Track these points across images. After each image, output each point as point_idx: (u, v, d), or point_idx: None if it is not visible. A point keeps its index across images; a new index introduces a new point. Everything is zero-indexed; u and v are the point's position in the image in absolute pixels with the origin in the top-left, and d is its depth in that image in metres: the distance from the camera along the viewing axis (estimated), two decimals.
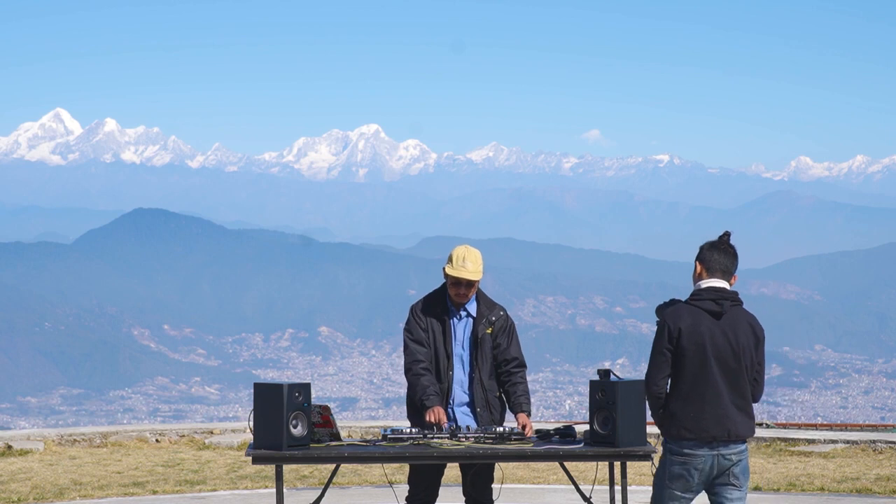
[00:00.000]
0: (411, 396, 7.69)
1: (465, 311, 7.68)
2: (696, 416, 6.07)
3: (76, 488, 11.60)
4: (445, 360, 7.64)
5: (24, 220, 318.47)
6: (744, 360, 6.11)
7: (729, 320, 6.12)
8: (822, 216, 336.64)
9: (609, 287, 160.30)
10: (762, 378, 6.25)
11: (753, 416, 6.17)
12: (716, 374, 6.06)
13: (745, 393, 6.12)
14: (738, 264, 6.35)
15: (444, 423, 7.48)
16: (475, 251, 7.63)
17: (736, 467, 6.10)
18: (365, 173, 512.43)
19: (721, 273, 6.24)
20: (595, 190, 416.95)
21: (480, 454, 7.22)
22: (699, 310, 6.14)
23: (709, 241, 6.36)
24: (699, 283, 6.24)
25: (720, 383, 6.06)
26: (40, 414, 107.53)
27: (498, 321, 7.68)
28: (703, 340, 6.07)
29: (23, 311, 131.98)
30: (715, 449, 6.07)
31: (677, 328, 6.11)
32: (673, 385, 6.17)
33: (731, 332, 6.10)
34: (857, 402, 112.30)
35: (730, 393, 6.07)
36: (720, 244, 6.32)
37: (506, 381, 7.67)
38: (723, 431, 6.04)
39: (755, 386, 6.21)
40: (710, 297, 6.15)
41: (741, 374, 6.10)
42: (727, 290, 6.21)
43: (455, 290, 7.60)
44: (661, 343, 6.15)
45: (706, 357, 6.07)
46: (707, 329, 6.09)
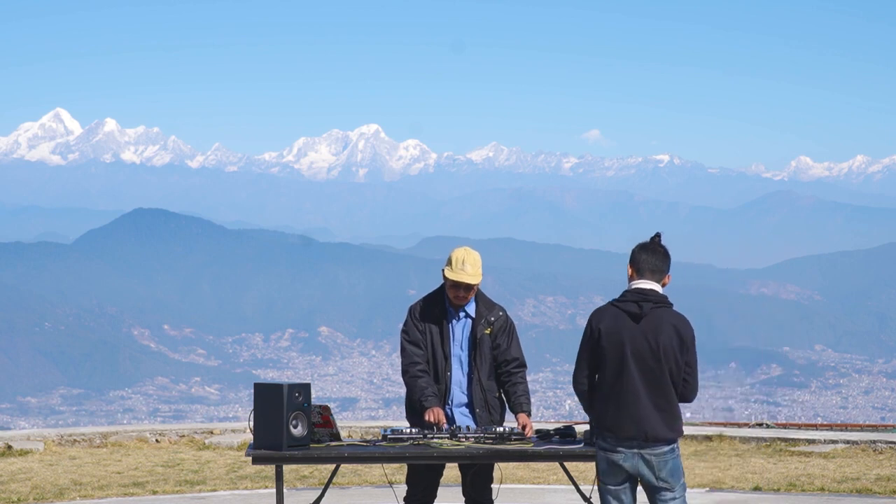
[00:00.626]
0: (410, 398, 7.69)
1: (464, 312, 7.66)
2: (614, 415, 6.08)
3: (76, 488, 11.60)
4: (444, 361, 7.63)
5: (24, 220, 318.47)
6: (666, 362, 6.06)
7: (650, 322, 6.09)
8: (822, 216, 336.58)
9: (609, 287, 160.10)
10: (694, 379, 6.18)
11: (678, 416, 6.11)
12: (634, 375, 6.05)
13: (667, 394, 6.07)
14: (671, 263, 6.30)
15: (443, 423, 7.48)
16: (475, 254, 7.60)
17: (662, 469, 6.04)
18: (365, 173, 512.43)
19: (650, 273, 6.23)
20: (595, 190, 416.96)
21: (480, 454, 7.22)
22: (620, 311, 6.15)
23: (640, 242, 6.34)
24: (630, 285, 6.27)
25: (639, 385, 6.04)
26: (40, 414, 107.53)
27: (497, 321, 7.66)
28: (621, 341, 6.08)
29: (23, 311, 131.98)
30: (634, 449, 6.04)
31: (598, 329, 6.15)
32: (596, 384, 6.20)
33: (651, 333, 6.07)
34: (857, 402, 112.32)
35: (649, 394, 6.04)
36: (650, 245, 6.30)
37: (506, 381, 7.65)
38: (639, 432, 6.01)
39: (685, 387, 6.15)
40: (632, 298, 6.16)
41: (663, 375, 6.06)
42: (653, 291, 6.19)
43: (454, 293, 7.59)
44: (584, 342, 6.23)
45: (624, 358, 6.07)
46: (626, 330, 6.10)
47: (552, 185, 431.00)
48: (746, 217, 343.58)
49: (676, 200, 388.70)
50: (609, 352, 6.11)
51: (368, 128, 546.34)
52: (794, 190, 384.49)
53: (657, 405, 6.04)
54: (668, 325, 6.10)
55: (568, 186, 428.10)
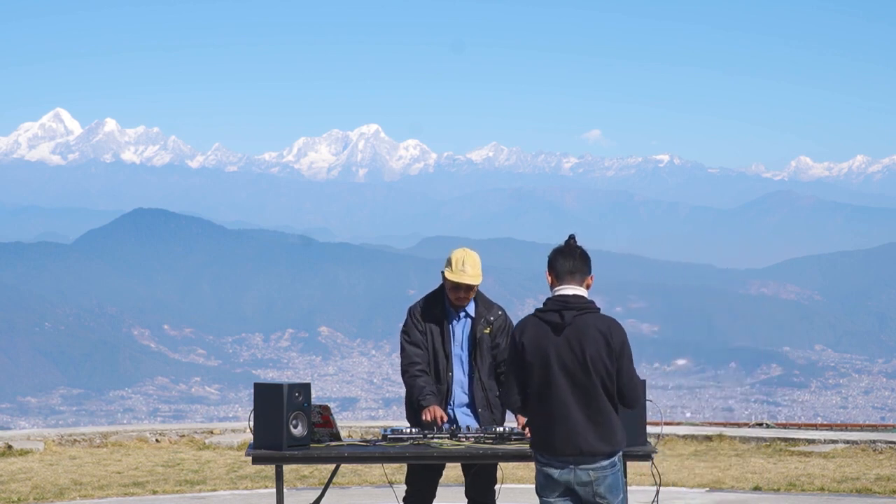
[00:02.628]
0: (409, 398, 7.70)
1: (464, 312, 7.69)
2: (545, 432, 5.76)
3: (76, 488, 11.60)
4: (444, 360, 7.64)
5: (24, 220, 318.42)
6: (596, 372, 5.72)
7: (574, 331, 5.76)
8: (822, 216, 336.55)
9: (609, 287, 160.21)
10: (633, 383, 5.83)
11: (615, 428, 5.75)
12: (563, 389, 5.71)
13: (601, 406, 5.72)
14: (591, 264, 6.01)
15: (441, 420, 7.48)
16: (474, 254, 7.62)
17: (600, 485, 5.72)
18: (365, 173, 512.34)
19: (570, 277, 5.92)
20: (595, 190, 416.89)
21: (481, 454, 7.22)
22: (542, 322, 5.82)
23: (556, 246, 6.06)
24: (552, 292, 5.96)
25: (568, 398, 5.71)
26: (40, 414, 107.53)
27: (496, 321, 7.68)
28: (546, 355, 5.75)
29: (23, 311, 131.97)
30: (568, 465, 5.73)
31: (521, 343, 5.82)
32: (530, 399, 5.84)
33: (576, 343, 5.73)
34: (857, 402, 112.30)
35: (580, 408, 5.70)
36: (565, 248, 6.03)
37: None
38: (572, 448, 5.69)
39: (622, 395, 5.80)
40: (554, 307, 5.84)
41: (594, 386, 5.71)
42: (576, 297, 5.86)
43: (454, 294, 7.61)
44: (509, 358, 5.90)
45: (551, 372, 5.73)
46: (550, 343, 5.76)
47: (552, 185, 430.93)
48: (746, 217, 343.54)
49: (676, 200, 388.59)
50: (534, 366, 5.77)
51: (368, 128, 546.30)
52: (794, 190, 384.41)
53: (590, 418, 5.70)
54: (594, 332, 5.76)
55: (568, 186, 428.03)
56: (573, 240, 6.11)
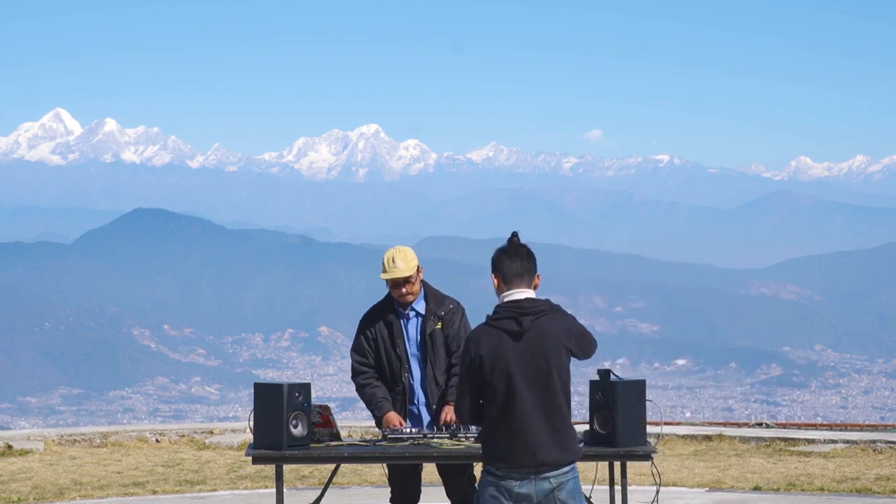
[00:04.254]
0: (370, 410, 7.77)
1: (414, 311, 7.69)
2: (506, 444, 5.50)
3: (76, 488, 11.60)
4: (398, 362, 7.66)
5: (24, 220, 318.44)
6: (559, 377, 5.54)
7: (533, 337, 5.52)
8: (822, 216, 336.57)
9: (609, 287, 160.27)
10: (589, 346, 5.72)
11: (574, 434, 5.58)
12: (524, 400, 5.47)
13: (562, 413, 5.54)
14: (537, 262, 5.79)
15: (401, 424, 7.52)
16: (404, 249, 7.64)
17: (561, 491, 5.51)
18: (365, 173, 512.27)
19: (518, 279, 5.66)
20: (595, 190, 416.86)
21: (470, 454, 7.22)
22: (499, 331, 5.53)
23: (499, 246, 5.77)
24: (501, 297, 5.66)
25: (529, 410, 5.48)
26: (40, 414, 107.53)
27: (447, 314, 7.67)
28: (507, 367, 5.48)
29: (23, 311, 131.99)
30: (528, 476, 5.48)
31: (478, 356, 5.51)
32: (486, 411, 5.58)
33: (538, 351, 5.51)
34: (857, 402, 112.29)
35: (541, 418, 5.49)
36: (510, 248, 5.73)
37: (451, 374, 7.67)
38: (534, 460, 5.47)
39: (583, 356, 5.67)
40: (509, 314, 5.55)
41: (556, 394, 5.52)
42: (529, 300, 5.62)
43: (397, 292, 7.62)
44: (464, 370, 5.59)
45: (512, 384, 5.48)
46: (510, 352, 5.49)
47: (552, 185, 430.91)
48: (746, 217, 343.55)
49: (676, 200, 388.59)
50: (494, 378, 5.49)
51: (368, 128, 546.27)
52: (794, 190, 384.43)
53: (552, 427, 5.51)
54: (555, 335, 5.56)
55: (568, 186, 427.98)
56: (517, 238, 5.82)
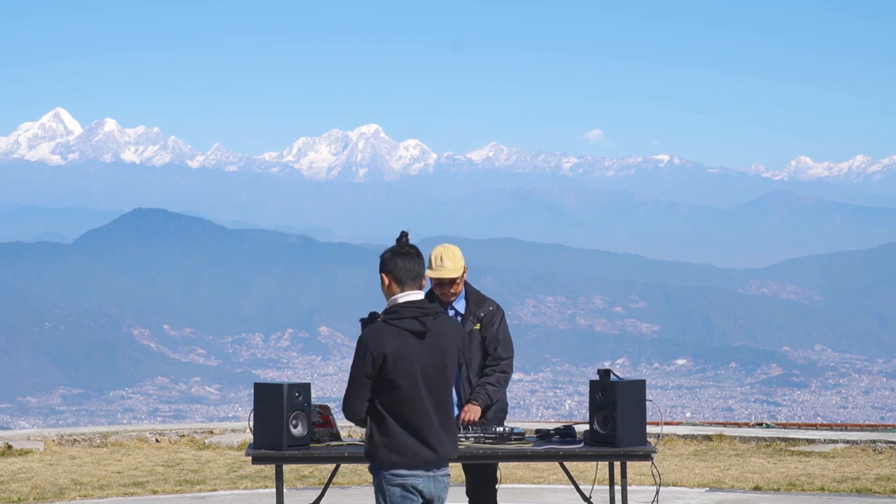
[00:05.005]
0: None
1: (454, 309, 7.74)
2: (410, 442, 5.59)
3: (76, 488, 11.60)
4: None
5: (24, 220, 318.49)
6: (450, 377, 5.68)
7: (434, 337, 5.64)
8: (822, 216, 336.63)
9: (609, 287, 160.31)
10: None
11: (455, 433, 5.74)
12: (425, 398, 5.59)
13: (450, 411, 5.72)
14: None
15: None
16: (453, 248, 7.67)
17: (444, 491, 5.72)
18: (365, 173, 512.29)
19: (411, 281, 5.72)
20: (595, 190, 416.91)
21: (480, 454, 7.23)
22: (402, 331, 5.60)
23: (389, 247, 5.81)
24: (395, 298, 5.68)
25: (429, 407, 5.61)
26: (40, 414, 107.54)
27: (486, 316, 7.73)
28: (411, 366, 5.58)
29: (23, 311, 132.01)
30: (429, 471, 5.63)
31: (381, 355, 5.57)
32: (383, 410, 5.63)
33: (437, 349, 5.63)
34: (857, 402, 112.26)
35: (437, 415, 5.63)
36: (401, 248, 5.78)
37: (483, 374, 7.71)
38: (434, 456, 5.61)
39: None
40: (411, 314, 5.62)
41: (448, 393, 5.69)
42: (425, 301, 5.72)
43: (440, 290, 7.69)
44: (363, 369, 5.62)
45: (416, 382, 5.58)
46: (414, 352, 5.59)
47: (552, 185, 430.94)
48: (746, 217, 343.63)
49: (676, 200, 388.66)
50: (398, 377, 5.57)
51: (368, 128, 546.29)
52: (794, 190, 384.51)
53: (444, 425, 5.66)
54: (451, 336, 5.71)
55: (568, 186, 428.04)
56: (406, 238, 5.87)
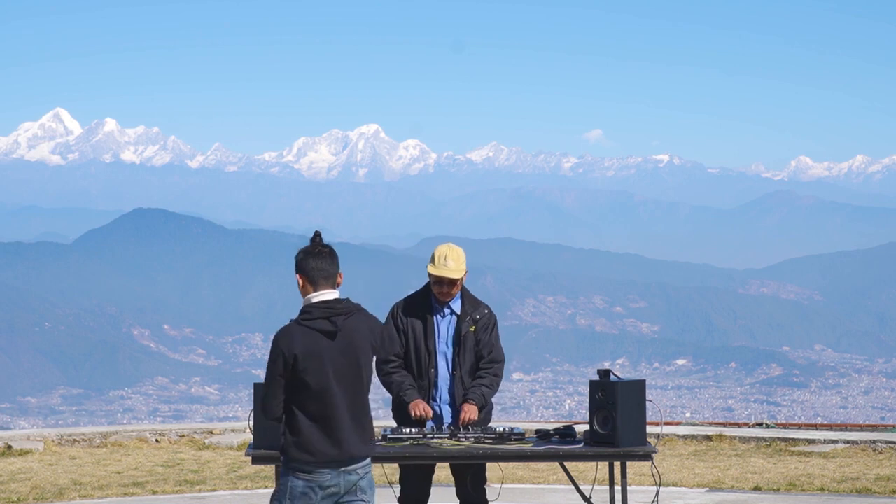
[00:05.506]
0: (392, 397, 7.75)
1: (449, 309, 7.73)
2: (319, 440, 5.69)
3: (76, 488, 11.60)
4: (427, 357, 7.68)
5: (24, 220, 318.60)
6: (364, 376, 5.76)
7: (345, 336, 5.73)
8: (822, 216, 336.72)
9: (609, 287, 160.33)
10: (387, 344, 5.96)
11: (372, 429, 5.83)
12: (337, 397, 5.69)
13: (366, 408, 5.80)
14: (339, 262, 5.89)
15: (428, 415, 7.51)
16: (457, 249, 7.68)
17: (362, 481, 5.77)
18: (365, 173, 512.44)
19: (324, 280, 5.81)
20: (595, 190, 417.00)
21: (480, 454, 7.23)
22: (312, 331, 5.70)
23: (303, 247, 5.88)
24: (309, 298, 5.77)
25: (341, 406, 5.70)
26: (40, 414, 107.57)
27: (482, 319, 7.71)
28: (321, 366, 5.67)
29: (23, 311, 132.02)
30: (339, 469, 5.71)
31: (292, 355, 5.65)
32: (295, 408, 5.73)
33: (349, 348, 5.72)
34: (857, 402, 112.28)
35: (352, 413, 5.72)
36: (314, 248, 5.87)
37: (476, 376, 7.70)
38: (344, 454, 5.70)
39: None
40: (321, 314, 5.72)
41: (362, 390, 5.77)
42: (338, 301, 5.80)
43: (438, 289, 7.67)
44: (275, 369, 5.69)
45: (327, 382, 5.67)
46: (325, 352, 5.68)
47: (552, 185, 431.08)
48: (746, 217, 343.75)
49: (676, 200, 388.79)
50: (310, 377, 5.66)
51: (368, 128, 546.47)
52: (794, 190, 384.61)
53: (357, 423, 5.75)
54: (363, 334, 5.78)
55: (568, 186, 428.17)
56: (319, 238, 5.96)
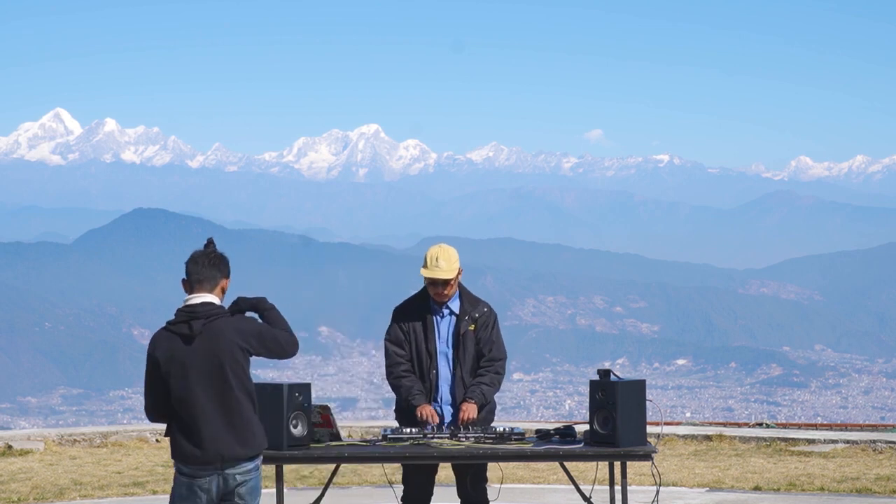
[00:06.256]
0: (398, 400, 7.74)
1: (448, 309, 7.73)
2: (185, 442, 5.77)
3: (76, 488, 11.61)
4: (428, 358, 7.68)
5: (24, 220, 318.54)
6: (232, 378, 5.78)
7: (206, 339, 5.76)
8: (822, 216, 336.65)
9: (609, 287, 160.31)
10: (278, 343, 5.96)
11: (255, 432, 5.84)
12: (201, 399, 5.74)
13: (241, 411, 5.80)
14: (226, 266, 5.99)
15: (434, 420, 7.51)
16: (449, 249, 7.68)
17: (242, 487, 5.80)
18: (365, 173, 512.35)
19: (199, 284, 5.91)
20: (595, 190, 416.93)
21: (480, 454, 7.23)
22: (174, 335, 5.80)
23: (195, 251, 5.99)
24: (184, 301, 5.92)
25: (206, 409, 5.74)
26: (40, 414, 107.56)
27: (481, 317, 7.71)
28: (183, 369, 5.75)
29: (23, 311, 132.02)
30: (214, 472, 5.76)
31: (156, 360, 5.80)
32: (170, 411, 5.84)
33: (211, 352, 5.76)
34: (857, 402, 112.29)
35: (219, 416, 5.75)
36: (198, 254, 5.99)
37: (477, 374, 7.71)
38: (215, 457, 5.74)
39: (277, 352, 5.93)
40: (182, 318, 5.81)
41: (231, 392, 5.78)
42: (205, 304, 5.85)
43: (433, 290, 7.67)
44: (147, 372, 5.86)
45: (188, 385, 5.74)
46: (184, 354, 5.76)
47: (552, 185, 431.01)
48: (746, 217, 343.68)
49: (676, 200, 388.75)
50: (172, 380, 5.77)
51: (368, 128, 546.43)
52: (794, 190, 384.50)
53: (230, 424, 5.76)
54: (228, 336, 5.80)
55: (568, 186, 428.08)
56: (210, 244, 6.07)
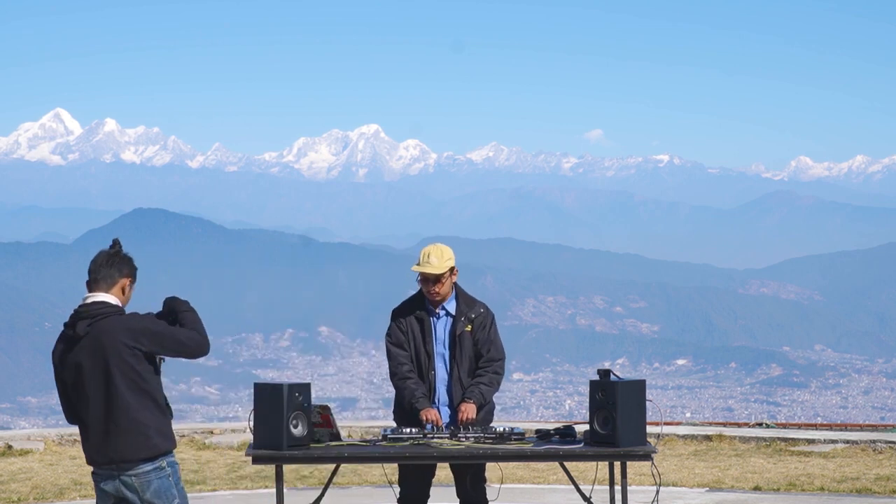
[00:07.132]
0: (399, 401, 7.74)
1: (445, 310, 7.73)
2: (86, 444, 5.78)
3: (76, 488, 11.61)
4: (426, 359, 7.68)
5: (24, 220, 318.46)
6: (121, 379, 5.71)
7: (93, 339, 5.71)
8: (822, 216, 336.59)
9: (609, 287, 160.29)
10: (180, 341, 6.06)
11: (150, 434, 5.77)
12: (92, 400, 5.71)
13: (128, 412, 5.73)
14: (125, 266, 5.91)
15: (438, 423, 7.51)
16: (442, 247, 7.69)
17: (146, 491, 5.73)
18: (365, 173, 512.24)
19: (96, 284, 5.86)
20: (595, 190, 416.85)
21: (480, 454, 7.23)
22: (66, 336, 5.80)
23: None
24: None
25: (96, 410, 5.71)
26: (40, 414, 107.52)
27: (477, 318, 7.71)
28: (75, 370, 5.74)
29: (23, 311, 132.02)
30: (111, 473, 5.74)
31: (54, 361, 5.82)
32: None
33: (98, 351, 5.71)
34: (857, 402, 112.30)
35: (109, 418, 5.70)
36: (99, 253, 5.93)
37: (475, 375, 7.71)
38: (104, 458, 5.73)
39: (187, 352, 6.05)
40: (71, 319, 5.81)
41: (120, 394, 5.71)
42: (96, 304, 5.80)
43: (426, 288, 7.67)
44: (54, 374, 5.87)
45: (80, 385, 5.72)
46: (74, 355, 5.76)
47: (552, 185, 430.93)
48: (746, 217, 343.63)
49: (676, 200, 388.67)
50: (67, 380, 5.77)
51: (368, 128, 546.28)
52: (794, 190, 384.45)
53: (119, 426, 5.71)
54: (115, 336, 5.74)
55: (568, 186, 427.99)
56: (115, 245, 6.00)
